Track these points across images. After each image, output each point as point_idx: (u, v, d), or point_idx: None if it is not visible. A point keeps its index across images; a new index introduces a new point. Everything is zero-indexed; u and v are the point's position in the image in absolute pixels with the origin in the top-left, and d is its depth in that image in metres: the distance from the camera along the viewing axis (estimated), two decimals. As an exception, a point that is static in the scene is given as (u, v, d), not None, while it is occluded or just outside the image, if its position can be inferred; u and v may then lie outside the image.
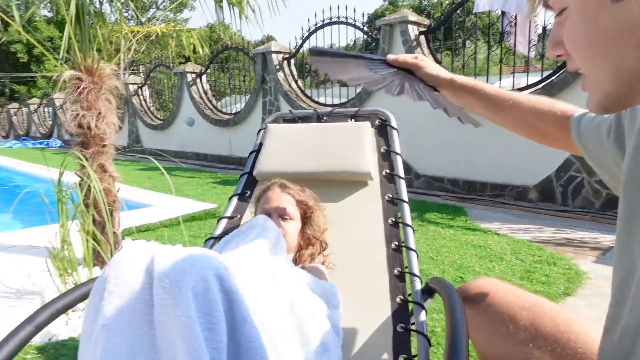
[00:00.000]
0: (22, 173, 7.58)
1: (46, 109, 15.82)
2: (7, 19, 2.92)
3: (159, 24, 4.24)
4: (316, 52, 1.12)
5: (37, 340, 2.09)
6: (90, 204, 2.76)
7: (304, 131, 1.83)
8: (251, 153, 1.89)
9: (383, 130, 1.86)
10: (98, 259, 2.92)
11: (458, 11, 5.49)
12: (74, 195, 2.75)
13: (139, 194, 5.22)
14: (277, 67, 7.52)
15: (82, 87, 2.94)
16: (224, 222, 1.73)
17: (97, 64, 3.02)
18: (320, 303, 1.24)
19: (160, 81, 10.82)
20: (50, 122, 15.42)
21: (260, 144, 1.87)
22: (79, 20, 3.00)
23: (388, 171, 1.75)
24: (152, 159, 3.30)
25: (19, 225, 3.74)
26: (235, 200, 1.79)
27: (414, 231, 1.57)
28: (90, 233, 2.63)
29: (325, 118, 1.93)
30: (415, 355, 1.23)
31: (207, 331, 0.81)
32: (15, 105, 17.88)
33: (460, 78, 1.07)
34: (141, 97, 10.82)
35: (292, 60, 7.65)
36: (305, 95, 7.48)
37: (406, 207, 1.62)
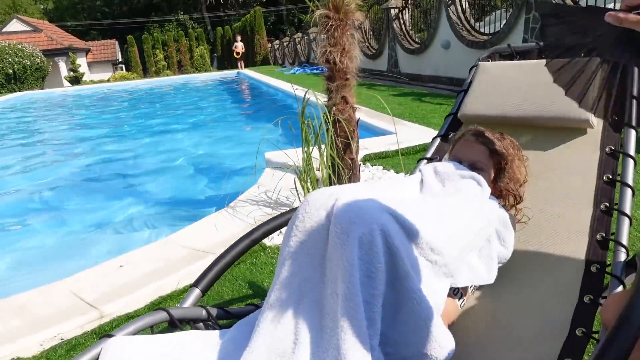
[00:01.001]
0: (297, 97, 8.87)
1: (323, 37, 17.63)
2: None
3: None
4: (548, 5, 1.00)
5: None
6: (331, 132, 3.15)
7: (518, 69, 1.68)
8: (459, 93, 1.84)
9: (614, 69, 1.55)
10: (340, 181, 3.34)
11: None
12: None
13: (384, 120, 5.55)
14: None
15: (329, 24, 3.24)
16: (423, 162, 1.79)
17: (342, 0, 3.25)
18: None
19: (420, 3, 10.73)
20: (326, 49, 17.08)
21: (470, 83, 1.80)
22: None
23: (617, 117, 1.49)
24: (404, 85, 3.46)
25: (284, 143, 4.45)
26: (437, 141, 1.81)
27: (633, 193, 1.33)
28: (329, 159, 3.02)
29: (548, 52, 1.71)
30: (596, 332, 1.12)
31: (365, 277, 0.94)
32: (299, 34, 20.39)
33: None
34: (401, 20, 11.01)
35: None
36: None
37: (630, 163, 1.38)
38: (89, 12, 39.92)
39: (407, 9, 10.95)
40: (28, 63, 20.08)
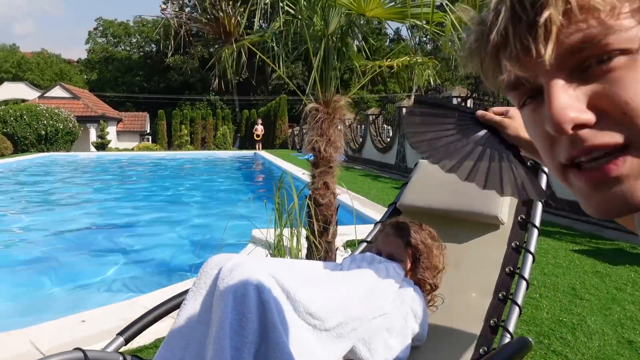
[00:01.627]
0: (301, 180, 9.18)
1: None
2: (269, 62, 3.77)
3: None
4: (421, 101, 1.13)
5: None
6: (309, 214, 3.36)
7: (449, 170, 1.89)
8: (402, 185, 2.06)
9: (532, 171, 1.75)
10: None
11: None
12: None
13: (375, 210, 5.76)
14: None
15: (318, 117, 3.58)
16: (363, 245, 1.97)
17: (332, 97, 3.62)
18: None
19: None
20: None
21: (410, 178, 2.02)
22: (324, 61, 3.66)
23: (523, 217, 1.67)
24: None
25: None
26: (378, 226, 2.00)
27: (528, 285, 1.49)
28: (301, 239, 3.21)
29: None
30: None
31: (237, 326, 1.09)
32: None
33: None
34: (412, 120, 11.59)
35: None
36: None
37: (529, 258, 1.55)
38: (128, 85, 42.69)
39: (417, 109, 11.57)
40: (61, 127, 21.29)
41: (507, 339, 1.35)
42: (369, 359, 1.32)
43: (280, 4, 3.45)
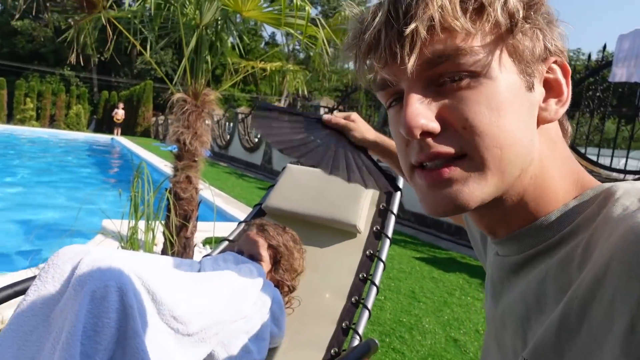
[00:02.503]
0: (161, 171, 8.72)
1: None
2: (136, 43, 3.53)
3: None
4: (262, 107, 1.22)
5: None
6: (169, 208, 3.20)
7: (314, 175, 1.95)
8: (269, 187, 2.06)
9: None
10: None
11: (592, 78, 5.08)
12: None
13: (238, 208, 5.72)
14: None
15: (185, 108, 3.43)
16: (225, 243, 1.93)
17: (202, 90, 3.50)
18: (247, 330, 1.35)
19: (303, 108, 11.64)
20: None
21: (277, 181, 2.04)
22: (196, 52, 3.53)
23: (378, 228, 1.79)
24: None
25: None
26: (242, 226, 1.97)
27: (377, 291, 1.59)
28: (160, 233, 3.04)
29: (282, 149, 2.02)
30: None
31: (91, 331, 0.98)
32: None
33: (385, 141, 1.06)
34: (281, 122, 11.75)
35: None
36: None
37: (381, 266, 1.65)
38: (-39, 44, 36.45)
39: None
40: None
41: (357, 341, 1.43)
42: None
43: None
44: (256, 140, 13.14)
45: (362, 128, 1.13)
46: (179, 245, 3.32)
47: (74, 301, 0.98)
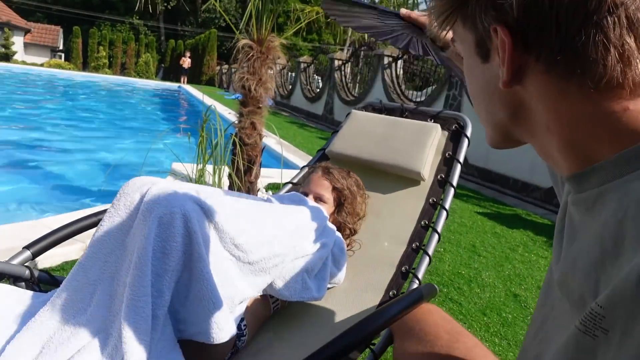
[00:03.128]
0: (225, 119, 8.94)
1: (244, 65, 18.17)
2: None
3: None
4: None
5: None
6: (235, 153, 3.30)
7: (379, 121, 1.93)
8: (333, 133, 2.07)
9: (456, 135, 1.84)
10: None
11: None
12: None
13: (299, 157, 5.80)
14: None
15: (251, 54, 3.45)
16: (289, 186, 1.97)
17: (267, 36, 3.49)
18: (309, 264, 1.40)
19: (360, 60, 11.39)
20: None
21: (341, 126, 2.03)
22: (262, -3, 3.49)
23: (443, 176, 1.76)
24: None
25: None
26: (305, 170, 2.01)
27: (439, 239, 1.58)
28: (223, 176, 3.16)
29: (407, 113, 1.99)
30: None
31: (160, 253, 1.05)
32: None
33: None
34: (343, 72, 11.59)
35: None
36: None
37: (443, 214, 1.63)
38: (39, -7, 38.19)
39: (349, 63, 11.56)
40: (-45, 29, 18.80)
41: (416, 285, 1.44)
42: (287, 296, 1.35)
43: None
44: (318, 90, 13.09)
45: None
46: (243, 189, 3.44)
47: (143, 226, 1.05)
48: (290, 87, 15.00)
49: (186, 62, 23.08)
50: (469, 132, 1.82)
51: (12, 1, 33.87)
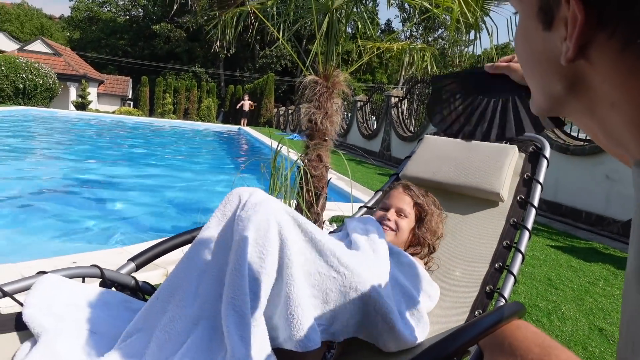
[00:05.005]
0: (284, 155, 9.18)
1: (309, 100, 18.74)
2: (271, 27, 3.75)
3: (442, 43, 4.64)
4: (435, 79, 1.19)
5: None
6: (300, 184, 3.39)
7: (454, 145, 1.94)
8: (405, 158, 2.09)
9: (534, 157, 1.82)
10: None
11: None
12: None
13: (360, 191, 5.83)
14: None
15: (317, 89, 3.58)
16: (363, 210, 2.00)
17: (333, 71, 3.62)
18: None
19: (420, 96, 11.44)
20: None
21: (414, 151, 2.06)
22: (327, 35, 3.65)
23: (523, 197, 1.73)
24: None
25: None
26: (379, 194, 2.04)
27: (523, 259, 1.55)
28: (292, 208, 3.23)
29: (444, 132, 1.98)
30: None
31: (257, 257, 1.12)
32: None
33: None
34: (400, 109, 11.67)
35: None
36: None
37: (526, 234, 1.60)
38: (112, 48, 41.52)
39: (406, 99, 11.64)
40: (40, 82, 20.65)
41: (502, 303, 1.41)
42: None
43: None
44: (374, 127, 13.20)
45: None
46: (311, 220, 3.49)
47: (242, 231, 1.11)
48: (347, 125, 15.23)
49: (246, 104, 24.08)
50: (547, 154, 1.80)
51: (88, 56, 37.02)
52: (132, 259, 1.37)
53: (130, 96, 31.39)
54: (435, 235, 1.67)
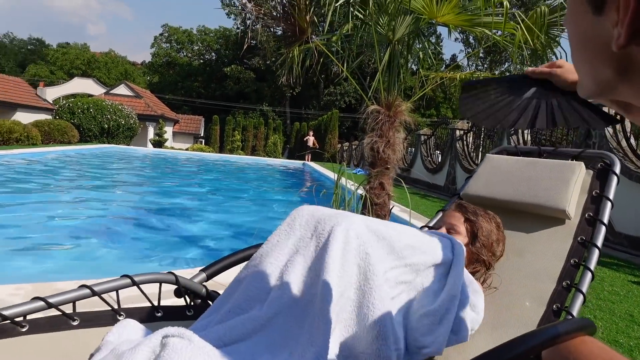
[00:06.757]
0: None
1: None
2: (337, 62, 3.89)
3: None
4: (467, 84, 1.25)
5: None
6: (365, 212, 3.42)
7: (516, 162, 1.92)
8: (467, 177, 2.09)
9: (603, 174, 1.76)
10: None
11: None
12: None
13: (423, 222, 5.76)
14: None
15: (379, 119, 3.65)
16: (425, 230, 2.01)
17: (394, 101, 3.69)
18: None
19: (486, 128, 11.21)
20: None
21: (476, 170, 2.05)
22: (388, 66, 3.75)
23: (592, 214, 1.67)
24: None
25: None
26: (440, 214, 2.03)
27: (592, 277, 1.49)
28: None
29: (545, 155, 1.95)
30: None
31: (338, 265, 1.17)
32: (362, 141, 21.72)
33: None
34: (465, 142, 11.47)
35: (627, 117, 6.78)
36: (637, 155, 6.51)
37: (596, 252, 1.55)
38: (187, 90, 44.39)
39: (471, 132, 11.44)
40: (123, 122, 22.38)
41: (570, 323, 1.36)
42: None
43: (351, 9, 3.56)
44: (439, 161, 13.03)
45: (566, 72, 1.11)
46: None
47: (317, 240, 1.18)
48: (410, 159, 15.15)
49: (310, 140, 24.65)
50: (617, 170, 1.74)
51: (166, 97, 39.69)
52: (204, 269, 1.47)
53: (202, 134, 33.11)
54: (491, 251, 1.64)
